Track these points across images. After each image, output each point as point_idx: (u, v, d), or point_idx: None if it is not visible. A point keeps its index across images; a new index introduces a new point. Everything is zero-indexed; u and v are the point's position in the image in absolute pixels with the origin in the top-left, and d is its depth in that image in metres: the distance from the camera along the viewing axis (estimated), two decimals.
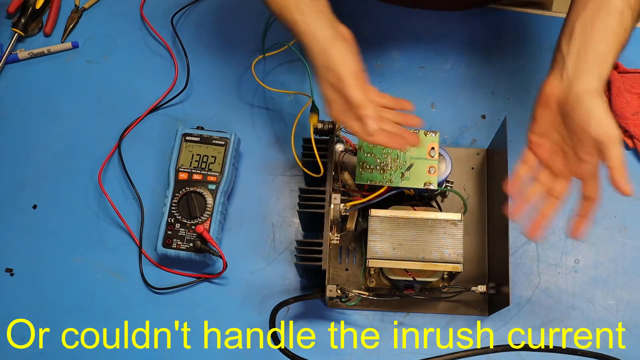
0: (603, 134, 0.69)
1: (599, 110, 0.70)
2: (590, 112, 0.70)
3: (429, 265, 0.82)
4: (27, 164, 0.99)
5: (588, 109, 0.70)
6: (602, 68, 0.72)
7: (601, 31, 0.72)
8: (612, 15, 0.73)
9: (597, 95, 0.70)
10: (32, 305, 0.92)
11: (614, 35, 0.72)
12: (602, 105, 0.70)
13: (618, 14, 0.73)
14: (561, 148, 0.75)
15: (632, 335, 0.89)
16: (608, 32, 0.72)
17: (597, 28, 0.73)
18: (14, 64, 1.05)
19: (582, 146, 0.71)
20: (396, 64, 1.04)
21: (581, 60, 0.72)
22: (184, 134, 0.95)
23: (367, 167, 0.85)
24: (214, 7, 1.09)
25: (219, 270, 0.91)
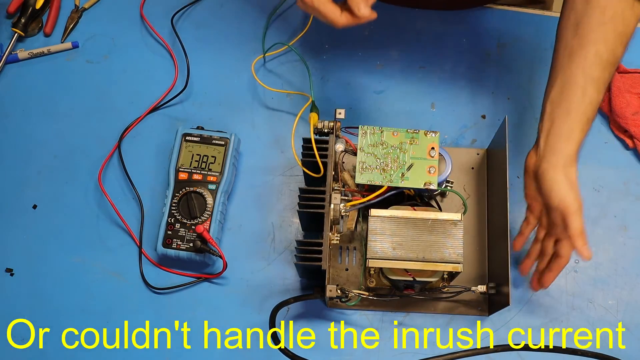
0: (563, 206, 0.78)
1: (560, 184, 0.78)
2: (551, 186, 0.79)
3: (429, 265, 0.82)
4: (27, 164, 0.99)
5: (550, 183, 0.79)
6: (565, 146, 0.79)
7: (564, 111, 0.79)
8: (575, 93, 0.79)
9: (559, 171, 0.78)
10: (32, 305, 0.92)
11: (577, 113, 0.79)
12: (564, 179, 0.78)
13: (580, 91, 0.78)
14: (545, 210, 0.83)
15: (632, 335, 0.90)
16: (571, 111, 0.79)
17: (562, 107, 0.80)
18: (14, 64, 1.05)
19: (550, 213, 0.81)
20: (396, 64, 1.04)
21: (549, 140, 0.80)
22: (184, 134, 0.95)
23: (367, 167, 0.85)
24: (214, 7, 1.09)
25: (219, 270, 0.91)
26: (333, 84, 1.03)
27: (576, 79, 0.79)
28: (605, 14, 0.78)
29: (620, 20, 0.78)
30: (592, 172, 0.97)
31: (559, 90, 0.80)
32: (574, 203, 0.78)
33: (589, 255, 0.79)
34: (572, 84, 0.79)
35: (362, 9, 0.75)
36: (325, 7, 0.76)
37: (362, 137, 0.86)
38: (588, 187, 0.97)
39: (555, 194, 0.79)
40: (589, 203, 0.95)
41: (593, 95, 0.79)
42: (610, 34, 0.78)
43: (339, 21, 0.76)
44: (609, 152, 0.99)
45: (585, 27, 0.79)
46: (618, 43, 0.79)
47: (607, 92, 1.00)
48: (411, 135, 0.86)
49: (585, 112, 0.79)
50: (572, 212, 0.78)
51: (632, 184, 0.97)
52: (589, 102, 0.79)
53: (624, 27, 0.78)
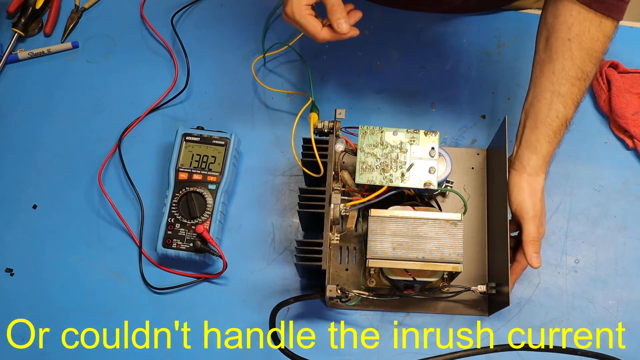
0: (519, 212, 0.83)
1: (519, 190, 0.83)
2: (512, 191, 0.84)
3: (429, 265, 0.82)
4: (27, 164, 0.99)
5: (511, 188, 0.84)
6: (530, 157, 0.83)
7: (532, 123, 0.83)
8: (542, 107, 0.82)
9: (523, 179, 0.83)
10: (32, 305, 0.92)
11: (543, 126, 0.82)
12: (525, 186, 0.83)
13: (547, 105, 0.82)
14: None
15: (632, 335, 0.90)
16: (538, 123, 0.83)
17: (531, 119, 0.84)
18: (14, 64, 1.05)
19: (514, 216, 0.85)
20: (396, 64, 1.04)
21: (518, 149, 0.85)
22: (184, 134, 0.95)
23: (367, 167, 0.85)
24: (214, 7, 1.09)
25: (219, 270, 0.91)
26: (333, 84, 1.03)
27: (544, 94, 0.82)
28: (571, 31, 0.79)
29: (586, 37, 0.79)
30: (592, 172, 0.97)
31: (530, 101, 0.84)
32: (530, 210, 0.82)
33: (536, 264, 0.82)
34: (540, 98, 0.83)
35: (343, 26, 0.77)
36: (306, 20, 0.77)
37: (362, 137, 0.86)
38: (588, 187, 0.97)
39: (513, 199, 0.83)
40: (589, 203, 0.96)
41: (559, 109, 0.82)
42: (576, 50, 0.79)
43: (319, 35, 0.78)
44: (609, 152, 0.99)
45: (553, 42, 0.80)
46: (586, 59, 0.80)
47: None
48: (411, 135, 0.86)
49: (551, 125, 0.82)
50: (527, 218, 0.82)
51: (632, 184, 0.97)
52: (555, 115, 0.82)
53: (591, 44, 0.79)
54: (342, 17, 0.76)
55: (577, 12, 0.78)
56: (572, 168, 0.98)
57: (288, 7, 0.78)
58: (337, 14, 0.76)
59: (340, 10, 0.76)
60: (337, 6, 0.76)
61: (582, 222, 0.95)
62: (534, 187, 0.83)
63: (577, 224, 0.95)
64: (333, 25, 0.77)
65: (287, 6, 0.78)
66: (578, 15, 0.78)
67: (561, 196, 0.96)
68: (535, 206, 0.83)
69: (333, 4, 0.76)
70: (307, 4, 0.78)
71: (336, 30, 0.77)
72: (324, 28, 0.78)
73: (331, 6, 0.76)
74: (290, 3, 0.77)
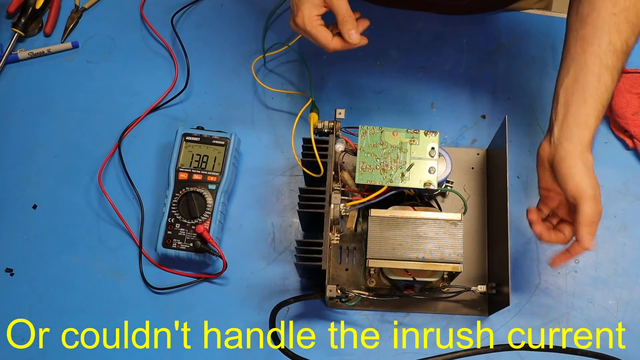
0: (577, 192, 0.77)
1: (576, 170, 0.77)
2: (568, 173, 0.78)
3: (429, 265, 0.82)
4: (27, 164, 0.99)
5: (567, 170, 0.78)
6: (582, 133, 0.78)
7: (580, 98, 0.79)
8: (590, 81, 0.79)
9: (577, 158, 0.78)
10: (32, 305, 0.92)
11: (592, 100, 0.79)
12: (581, 166, 0.77)
13: (595, 78, 0.79)
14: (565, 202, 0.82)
15: (632, 335, 0.90)
16: (587, 97, 0.79)
17: (576, 95, 0.79)
18: (14, 64, 1.05)
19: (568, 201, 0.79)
20: (396, 64, 1.04)
21: (564, 127, 0.80)
22: (184, 134, 0.95)
23: (367, 167, 0.85)
24: (214, 7, 1.09)
25: (219, 270, 0.91)
26: (333, 84, 1.03)
27: (591, 67, 0.79)
28: (617, 5, 0.79)
29: (632, 11, 0.79)
30: None
31: (573, 78, 0.80)
32: (588, 189, 0.77)
33: (589, 245, 0.77)
34: (587, 72, 0.79)
35: (354, 37, 0.79)
36: (317, 30, 0.79)
37: (362, 137, 0.86)
38: None
39: (571, 181, 0.78)
40: None
41: (608, 82, 0.79)
42: (622, 24, 0.79)
43: (329, 45, 0.79)
44: (609, 152, 0.99)
45: (598, 18, 0.79)
46: (630, 33, 0.80)
47: None
48: (411, 135, 0.86)
49: (601, 98, 0.79)
50: (586, 198, 0.77)
51: (632, 184, 0.97)
52: (605, 89, 0.79)
53: (637, 19, 0.79)
54: (353, 27, 0.78)
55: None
56: None
57: (299, 17, 0.79)
58: (348, 25, 0.78)
59: (352, 21, 0.78)
60: (348, 17, 0.78)
61: None
62: (587, 165, 0.78)
63: None
64: (344, 36, 0.79)
65: (297, 17, 0.79)
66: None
67: None
68: (593, 184, 0.77)
69: (344, 15, 0.78)
70: (318, 15, 0.79)
71: (347, 40, 0.79)
72: (335, 38, 0.79)
73: (342, 17, 0.78)
74: (301, 13, 0.78)
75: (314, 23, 0.79)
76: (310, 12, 0.78)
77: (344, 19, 0.78)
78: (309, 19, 0.78)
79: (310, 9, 0.78)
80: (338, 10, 0.78)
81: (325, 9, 0.79)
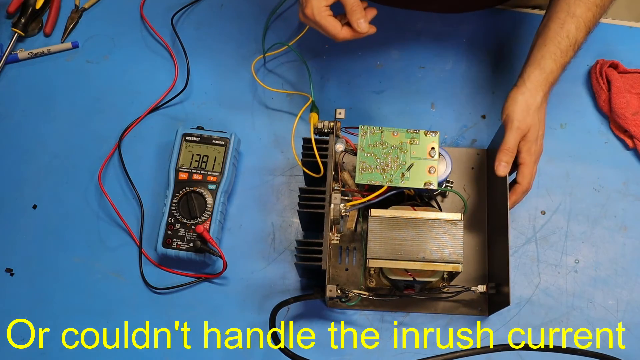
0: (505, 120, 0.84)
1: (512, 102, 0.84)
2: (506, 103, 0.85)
3: (429, 265, 0.82)
4: (27, 164, 0.99)
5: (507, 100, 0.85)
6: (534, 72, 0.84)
7: (541, 42, 0.85)
8: (553, 25, 0.85)
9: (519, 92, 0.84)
10: (32, 305, 0.92)
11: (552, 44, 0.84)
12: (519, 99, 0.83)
13: (559, 24, 0.84)
14: None
15: (632, 335, 0.90)
16: (547, 41, 0.84)
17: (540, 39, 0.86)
18: (14, 64, 1.05)
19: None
20: (396, 64, 1.04)
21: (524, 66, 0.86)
22: (184, 134, 0.95)
23: (367, 167, 0.85)
24: (214, 7, 1.09)
25: (219, 270, 0.91)
26: (333, 84, 1.03)
27: (558, 14, 0.84)
28: None
29: None
30: (592, 172, 0.97)
31: (544, 23, 0.86)
32: (515, 121, 0.82)
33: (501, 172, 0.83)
34: (554, 17, 0.85)
35: (362, 25, 0.79)
36: (326, 20, 0.80)
37: (362, 137, 0.86)
38: (588, 187, 0.97)
39: (505, 110, 0.84)
40: (589, 203, 0.96)
41: (571, 29, 0.84)
42: None
43: (339, 35, 0.80)
44: (609, 152, 0.99)
45: None
46: None
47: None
48: (411, 135, 0.86)
49: (560, 43, 0.84)
50: (509, 128, 0.83)
51: (632, 184, 0.97)
52: (566, 35, 0.84)
53: None
54: (362, 16, 0.79)
55: None
56: (572, 168, 0.98)
57: (308, 8, 0.80)
58: (357, 14, 0.79)
59: (360, 10, 0.79)
60: (357, 6, 0.79)
61: (582, 222, 0.95)
62: (528, 102, 0.83)
63: (577, 224, 0.95)
64: (353, 25, 0.79)
65: (306, 8, 0.80)
66: None
67: (561, 196, 0.96)
68: (524, 120, 0.83)
69: (352, 4, 0.79)
70: (326, 5, 0.80)
71: (356, 29, 0.80)
72: (344, 27, 0.80)
73: (351, 6, 0.79)
74: (310, 4, 0.79)
75: (323, 13, 0.79)
76: (319, 3, 0.79)
77: (353, 8, 0.79)
78: (318, 9, 0.79)
79: (319, 0, 0.79)
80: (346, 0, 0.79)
81: (333, 0, 0.80)
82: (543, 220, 0.95)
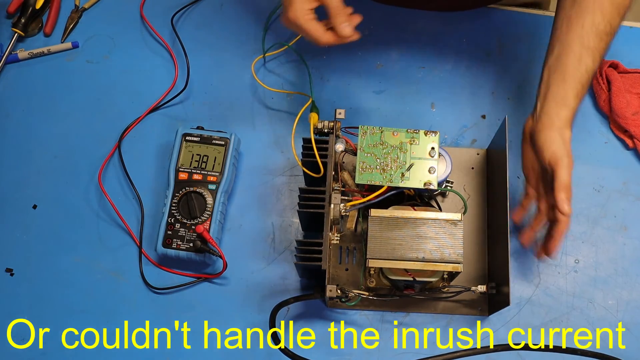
0: (553, 159, 0.81)
1: (552, 140, 0.81)
2: (544, 142, 0.82)
3: (429, 265, 0.82)
4: (27, 164, 0.99)
5: (543, 140, 0.82)
6: (560, 110, 0.82)
7: (560, 77, 0.83)
8: (570, 60, 0.82)
9: (554, 130, 0.82)
10: (32, 305, 0.92)
11: (572, 80, 0.82)
12: (557, 137, 0.81)
13: (576, 59, 0.82)
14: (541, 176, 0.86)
15: (632, 335, 0.90)
16: (566, 77, 0.83)
17: (557, 73, 0.83)
18: (14, 64, 1.05)
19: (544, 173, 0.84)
20: (396, 64, 1.04)
21: (544, 104, 0.83)
22: (184, 134, 0.95)
23: (367, 167, 0.85)
24: (214, 7, 1.09)
25: (219, 270, 0.91)
26: (333, 84, 1.03)
27: (572, 47, 0.82)
28: None
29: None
30: (592, 172, 0.97)
31: (556, 57, 0.84)
32: (564, 158, 0.80)
33: (567, 210, 0.79)
34: (568, 52, 0.83)
35: (346, 29, 0.78)
36: (309, 24, 0.78)
37: (362, 137, 0.86)
38: (588, 187, 0.97)
39: (547, 148, 0.81)
40: (589, 203, 0.96)
41: (588, 63, 0.82)
42: (606, 4, 0.81)
43: (322, 39, 0.79)
44: (609, 152, 0.99)
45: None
46: (615, 14, 0.82)
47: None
48: (411, 135, 0.86)
49: (580, 79, 0.82)
50: (561, 165, 0.80)
51: (632, 184, 0.97)
52: (585, 69, 0.82)
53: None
54: (346, 20, 0.77)
55: None
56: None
57: (290, 11, 0.78)
58: (340, 17, 0.77)
59: (344, 14, 0.78)
60: (341, 10, 0.77)
61: (582, 222, 0.95)
62: (564, 139, 0.82)
63: (577, 224, 0.95)
64: (336, 28, 0.78)
65: (289, 11, 0.78)
66: None
67: None
68: (569, 155, 0.81)
69: (336, 7, 0.77)
70: (310, 8, 0.78)
71: (339, 33, 0.78)
72: (327, 32, 0.79)
73: (334, 10, 0.77)
74: (293, 8, 0.78)
75: (306, 17, 0.78)
76: (302, 6, 0.78)
77: (336, 12, 0.78)
78: (301, 12, 0.78)
79: (302, 3, 0.78)
80: (330, 3, 0.77)
81: (317, 3, 0.78)
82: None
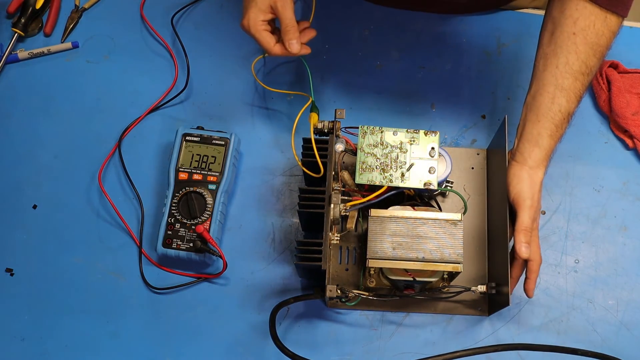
0: (516, 199, 0.82)
1: (519, 179, 0.83)
2: (511, 180, 0.83)
3: (429, 265, 0.82)
4: (27, 164, 0.99)
5: (511, 178, 0.83)
6: (532, 150, 0.83)
7: (534, 116, 0.83)
8: (544, 100, 0.83)
9: (524, 170, 0.83)
10: (32, 305, 0.92)
11: (545, 120, 0.82)
12: (525, 177, 0.82)
13: (549, 99, 0.82)
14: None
15: (632, 335, 0.90)
16: (540, 117, 0.83)
17: (532, 112, 0.84)
18: (14, 64, 1.05)
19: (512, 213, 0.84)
20: (396, 64, 1.04)
21: (519, 143, 0.85)
22: (184, 134, 0.95)
23: (367, 167, 0.85)
24: (214, 7, 1.09)
25: (219, 270, 0.91)
26: (333, 84, 1.03)
27: (547, 87, 0.82)
28: (576, 25, 0.80)
29: (591, 31, 0.80)
30: (592, 172, 0.97)
31: (532, 95, 0.84)
32: (527, 200, 0.82)
33: (524, 254, 0.81)
34: (542, 92, 0.83)
35: (294, 46, 0.82)
36: (260, 35, 0.83)
37: (362, 137, 0.86)
38: (588, 187, 0.97)
39: (513, 187, 0.83)
40: (589, 203, 0.96)
41: (562, 103, 0.82)
42: (580, 45, 0.80)
43: (271, 50, 0.83)
44: (609, 152, 0.99)
45: (558, 36, 0.81)
46: (590, 54, 0.81)
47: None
48: (411, 135, 0.86)
49: (553, 119, 0.82)
50: (523, 207, 0.81)
51: (632, 184, 0.97)
52: (558, 110, 0.82)
53: (597, 39, 0.80)
54: (294, 37, 0.82)
55: (583, 6, 0.79)
56: (572, 168, 0.98)
57: (245, 19, 0.83)
58: (289, 35, 0.82)
59: (293, 32, 0.82)
60: (291, 27, 0.82)
61: (582, 222, 0.95)
62: (533, 179, 0.83)
63: (577, 224, 0.95)
64: (285, 44, 0.82)
65: (244, 19, 0.83)
66: (584, 9, 0.79)
67: (561, 196, 0.96)
68: (533, 197, 0.82)
69: (287, 24, 0.81)
70: (263, 20, 0.82)
71: (287, 49, 0.82)
72: (277, 44, 0.83)
73: (285, 26, 0.82)
74: (247, 16, 0.82)
75: (259, 27, 0.82)
76: (256, 16, 0.82)
77: (287, 29, 0.82)
78: (254, 22, 0.82)
79: (257, 14, 0.82)
80: (282, 19, 0.82)
81: (272, 15, 0.83)
82: (543, 220, 0.95)
